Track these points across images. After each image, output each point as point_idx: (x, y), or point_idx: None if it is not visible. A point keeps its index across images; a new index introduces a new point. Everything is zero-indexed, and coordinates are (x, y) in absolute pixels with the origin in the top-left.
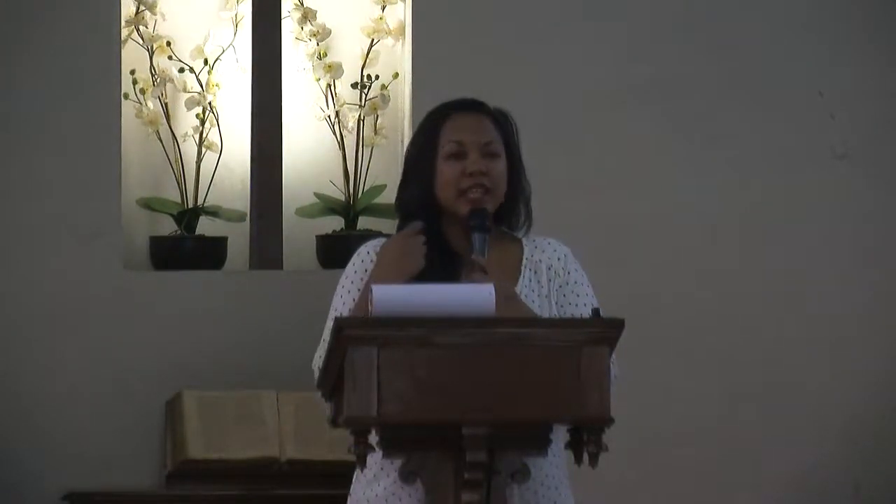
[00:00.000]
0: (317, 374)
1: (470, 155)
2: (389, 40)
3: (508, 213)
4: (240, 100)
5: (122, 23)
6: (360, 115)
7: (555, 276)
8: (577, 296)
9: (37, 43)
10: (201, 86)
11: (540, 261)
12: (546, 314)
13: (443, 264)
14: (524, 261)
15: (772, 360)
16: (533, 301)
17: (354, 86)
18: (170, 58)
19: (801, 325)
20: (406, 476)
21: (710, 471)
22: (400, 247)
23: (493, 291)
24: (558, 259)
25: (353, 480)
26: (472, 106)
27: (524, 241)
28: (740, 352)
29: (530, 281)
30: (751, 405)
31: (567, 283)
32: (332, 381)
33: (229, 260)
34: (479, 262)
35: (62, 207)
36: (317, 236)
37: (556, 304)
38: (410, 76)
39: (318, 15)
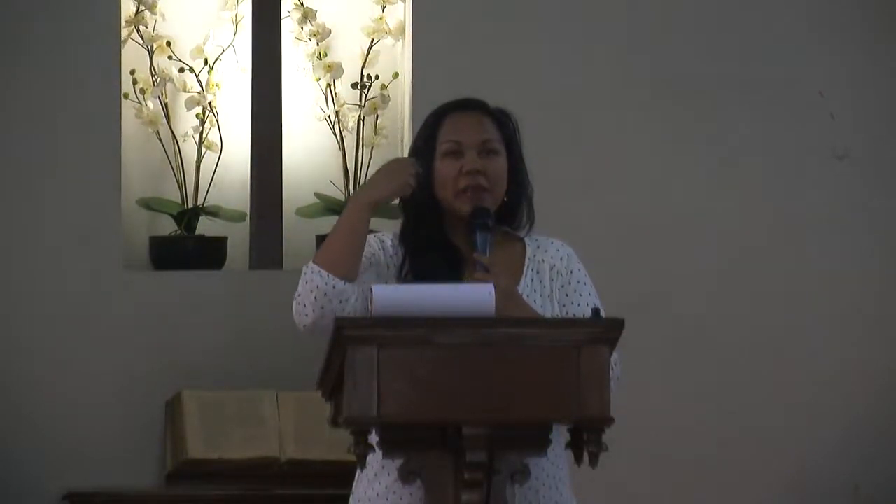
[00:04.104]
0: (296, 313)
1: (467, 154)
2: (389, 40)
3: (511, 212)
4: (240, 100)
5: (122, 23)
6: (360, 115)
7: (557, 276)
8: (580, 295)
9: (37, 43)
10: (201, 86)
11: (543, 260)
12: (548, 314)
13: (446, 263)
14: (527, 260)
15: (771, 359)
16: (535, 301)
17: (354, 86)
18: (170, 58)
19: (801, 325)
20: (406, 476)
21: (710, 471)
22: (389, 168)
23: (493, 291)
24: (561, 259)
25: (355, 479)
26: (471, 105)
27: (527, 240)
28: (740, 352)
29: (532, 280)
30: (751, 405)
31: (569, 283)
32: (332, 381)
33: (229, 260)
34: (482, 261)
35: (62, 207)
36: (317, 236)
37: (559, 303)
38: (410, 76)
39: (318, 15)
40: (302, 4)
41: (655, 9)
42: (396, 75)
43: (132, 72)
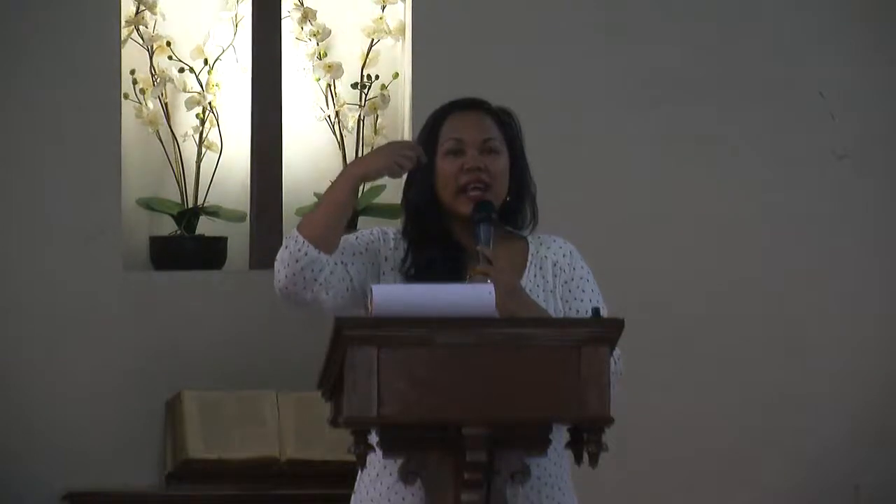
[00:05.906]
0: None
1: (468, 151)
2: (389, 40)
3: (514, 211)
4: (240, 100)
5: (122, 23)
6: (360, 115)
7: (560, 273)
8: (583, 291)
9: (37, 43)
10: (201, 86)
11: (545, 257)
12: (551, 310)
13: (448, 259)
14: (529, 257)
15: (771, 360)
16: (538, 296)
17: (354, 86)
18: (170, 58)
19: (801, 325)
20: (406, 476)
21: (710, 471)
22: (386, 146)
23: (493, 291)
24: (564, 256)
25: (357, 479)
26: (473, 104)
27: (529, 238)
28: (740, 352)
29: (535, 276)
30: (751, 405)
31: (572, 280)
32: (332, 381)
33: (229, 260)
34: (485, 253)
35: (62, 207)
36: None
37: (562, 299)
38: (410, 76)
39: (318, 15)
40: (302, 4)
41: (656, 9)
42: (396, 75)
43: (132, 72)
